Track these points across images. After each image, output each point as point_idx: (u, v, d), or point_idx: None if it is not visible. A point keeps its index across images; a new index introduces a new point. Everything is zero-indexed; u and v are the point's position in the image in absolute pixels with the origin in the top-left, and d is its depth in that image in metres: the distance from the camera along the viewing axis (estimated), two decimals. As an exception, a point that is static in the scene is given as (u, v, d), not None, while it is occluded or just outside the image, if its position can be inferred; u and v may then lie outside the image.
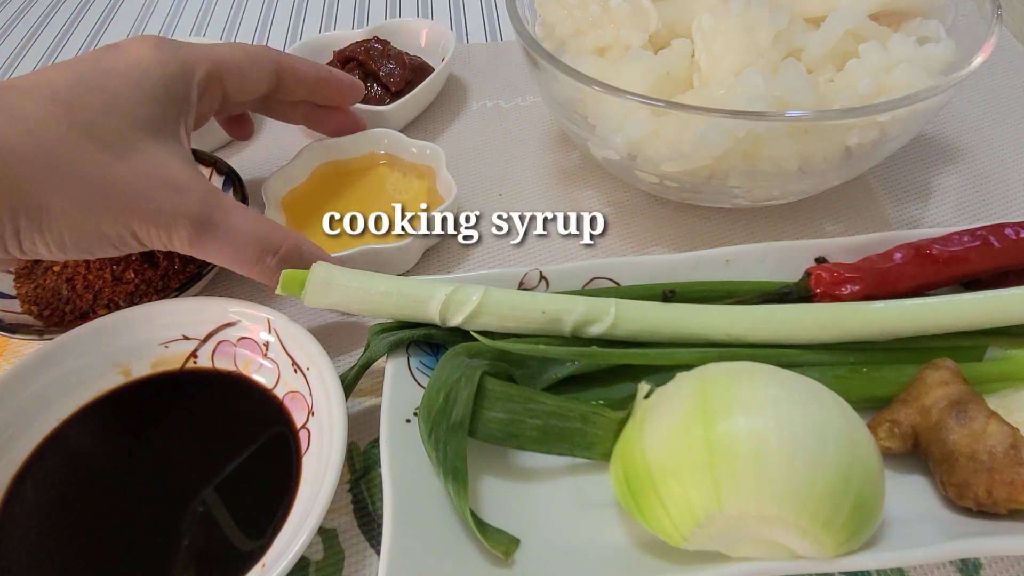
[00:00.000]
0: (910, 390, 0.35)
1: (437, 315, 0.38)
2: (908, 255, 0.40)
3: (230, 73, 0.44)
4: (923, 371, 0.36)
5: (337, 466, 0.33)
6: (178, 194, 0.38)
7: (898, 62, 0.42)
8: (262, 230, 0.40)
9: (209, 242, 0.39)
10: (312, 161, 0.54)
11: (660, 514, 0.30)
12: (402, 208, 0.50)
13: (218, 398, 0.41)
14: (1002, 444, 0.31)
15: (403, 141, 0.54)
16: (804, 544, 0.29)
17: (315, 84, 0.50)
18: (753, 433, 0.28)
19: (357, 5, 0.84)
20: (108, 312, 0.44)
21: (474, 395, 0.35)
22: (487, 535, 0.32)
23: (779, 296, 0.40)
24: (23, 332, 0.43)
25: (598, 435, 0.34)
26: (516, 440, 0.35)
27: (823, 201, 0.53)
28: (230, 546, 0.34)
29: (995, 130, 0.59)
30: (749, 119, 0.39)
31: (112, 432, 0.39)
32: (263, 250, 0.40)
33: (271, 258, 0.40)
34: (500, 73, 0.68)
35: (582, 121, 0.47)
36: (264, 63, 0.46)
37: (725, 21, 0.43)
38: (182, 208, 0.38)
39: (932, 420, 0.33)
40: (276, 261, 0.40)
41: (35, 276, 0.48)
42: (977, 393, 0.34)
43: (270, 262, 0.40)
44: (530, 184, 0.56)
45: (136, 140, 0.37)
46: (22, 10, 0.88)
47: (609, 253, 0.51)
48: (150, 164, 0.37)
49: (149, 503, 0.36)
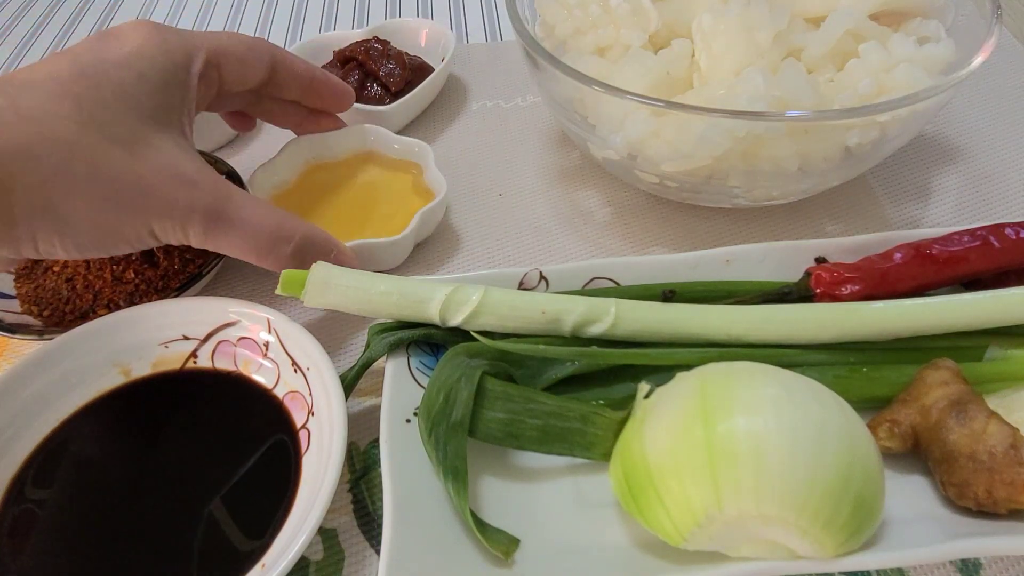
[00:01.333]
0: (910, 390, 0.35)
1: (437, 315, 0.38)
2: (908, 255, 0.40)
3: (227, 61, 0.43)
4: (923, 371, 0.36)
5: (337, 466, 0.33)
6: (190, 188, 0.38)
7: (898, 62, 0.42)
8: (274, 220, 0.40)
9: (223, 235, 0.39)
10: (298, 157, 0.54)
11: (660, 514, 0.30)
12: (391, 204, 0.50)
13: (218, 398, 0.41)
14: (1002, 444, 0.31)
15: (390, 137, 0.54)
16: (804, 544, 0.29)
17: (309, 82, 0.49)
18: (753, 433, 0.28)
19: (357, 5, 0.84)
20: (108, 312, 0.44)
21: (474, 395, 0.35)
22: (487, 535, 0.32)
23: (779, 296, 0.40)
24: (23, 332, 0.43)
25: (598, 435, 0.34)
26: (516, 440, 0.35)
27: (823, 201, 0.53)
28: (230, 546, 0.34)
29: (995, 130, 0.59)
30: (749, 119, 0.39)
31: (112, 432, 0.39)
32: (277, 240, 0.40)
33: (286, 247, 0.40)
34: (500, 73, 0.68)
35: (582, 121, 0.47)
36: (261, 53, 0.45)
37: (725, 21, 0.43)
38: (195, 202, 0.38)
39: (932, 420, 0.33)
40: (290, 250, 0.40)
41: (35, 276, 0.48)
42: (977, 393, 0.34)
43: (285, 251, 0.40)
44: (530, 184, 0.56)
45: (146, 134, 0.37)
46: (22, 10, 0.88)
47: (609, 253, 0.51)
48: (161, 159, 0.37)
49: (149, 503, 0.36)
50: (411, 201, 0.52)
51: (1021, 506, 0.31)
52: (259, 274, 0.51)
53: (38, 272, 0.48)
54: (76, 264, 0.47)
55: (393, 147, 0.54)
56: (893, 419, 0.35)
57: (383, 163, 0.55)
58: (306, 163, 0.54)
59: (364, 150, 0.55)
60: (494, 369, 0.37)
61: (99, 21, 0.85)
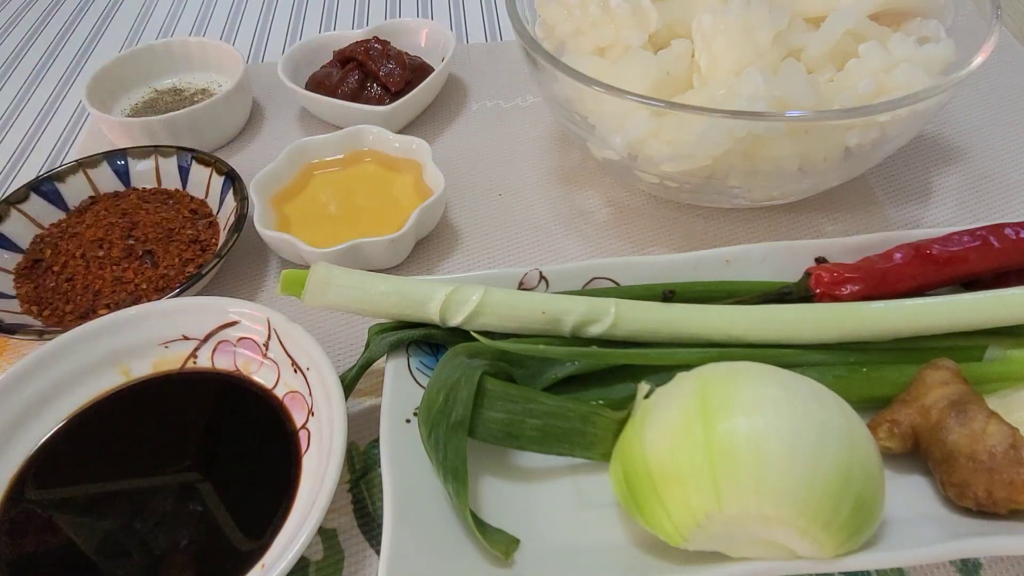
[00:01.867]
0: (910, 390, 0.35)
1: (437, 315, 0.38)
2: (908, 255, 0.40)
3: None
4: (923, 371, 0.36)
5: (337, 466, 0.33)
6: None
7: (898, 62, 0.42)
8: None
9: None
10: (299, 160, 0.54)
11: (660, 514, 0.30)
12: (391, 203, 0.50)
13: (218, 398, 0.40)
14: (1002, 444, 0.31)
15: (388, 137, 0.54)
16: (804, 544, 0.29)
17: None
18: (753, 433, 0.28)
19: (357, 5, 0.84)
20: (109, 312, 0.44)
21: (474, 395, 0.35)
22: (487, 535, 0.32)
23: (779, 296, 0.40)
24: (23, 332, 0.43)
25: (598, 435, 0.34)
26: (516, 440, 0.35)
27: (823, 201, 0.53)
28: (230, 546, 0.34)
29: (995, 130, 0.59)
30: (749, 119, 0.39)
31: (112, 432, 0.39)
32: None
33: None
34: (500, 73, 0.68)
35: (582, 121, 0.47)
36: None
37: (725, 21, 0.43)
38: None
39: (932, 420, 0.33)
40: None
41: (34, 276, 0.48)
42: (977, 393, 0.34)
43: None
44: (530, 184, 0.56)
45: None
46: (22, 10, 0.88)
47: (609, 253, 0.51)
48: None
49: (149, 502, 0.36)
50: (411, 199, 0.52)
51: (1021, 506, 0.31)
52: (259, 274, 0.51)
53: (37, 272, 0.48)
54: (76, 264, 0.47)
55: (392, 146, 0.54)
56: (893, 419, 0.34)
57: (382, 162, 0.55)
58: (306, 163, 0.54)
59: (364, 149, 0.55)
60: (494, 369, 0.37)
61: (99, 21, 0.85)
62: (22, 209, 0.51)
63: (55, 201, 0.52)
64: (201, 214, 0.52)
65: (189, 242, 0.50)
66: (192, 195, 0.54)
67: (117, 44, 0.81)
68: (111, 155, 0.54)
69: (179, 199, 0.53)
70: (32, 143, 0.66)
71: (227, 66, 0.65)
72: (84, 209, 0.52)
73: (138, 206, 0.51)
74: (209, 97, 0.62)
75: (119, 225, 0.49)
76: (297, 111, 0.65)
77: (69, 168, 0.53)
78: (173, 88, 0.65)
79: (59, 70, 0.76)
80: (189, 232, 0.50)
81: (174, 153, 0.54)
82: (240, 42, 0.79)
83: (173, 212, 0.52)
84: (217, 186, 0.53)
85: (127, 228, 0.49)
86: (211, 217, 0.52)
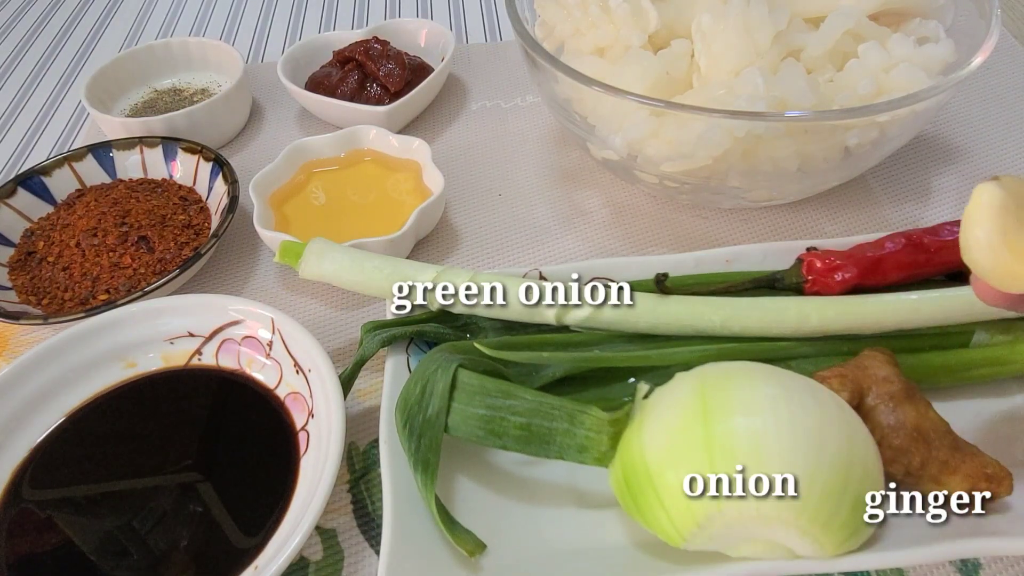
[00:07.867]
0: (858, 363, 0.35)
1: (426, 287, 0.39)
2: (899, 244, 0.40)
3: None
4: (862, 359, 0.35)
5: (334, 469, 0.33)
6: None
7: (897, 62, 0.42)
8: None
9: None
10: (297, 160, 0.54)
11: (660, 514, 0.30)
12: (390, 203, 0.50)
13: (221, 396, 0.41)
14: (943, 427, 0.33)
15: (388, 137, 0.54)
16: (803, 544, 0.29)
17: None
18: (752, 433, 0.28)
19: (357, 5, 0.84)
20: (108, 297, 0.45)
21: (449, 387, 0.34)
22: (454, 532, 0.32)
23: (770, 282, 0.40)
24: (27, 319, 0.43)
25: (589, 437, 0.32)
26: (499, 439, 0.33)
27: (823, 201, 0.53)
28: (226, 546, 0.34)
29: (995, 130, 0.59)
30: (749, 119, 0.39)
31: (113, 428, 0.39)
32: None
33: None
34: (500, 73, 0.68)
35: (582, 121, 0.47)
36: None
37: (724, 21, 0.43)
38: None
39: (882, 390, 0.33)
40: None
41: (29, 268, 0.48)
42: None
43: None
44: (530, 184, 0.56)
45: None
46: (22, 10, 0.88)
47: (609, 253, 0.51)
48: None
49: (147, 500, 0.36)
50: (410, 199, 0.52)
51: (942, 488, 0.31)
52: (262, 273, 0.51)
53: (32, 264, 0.48)
54: (72, 253, 0.47)
55: (392, 146, 0.54)
56: (841, 373, 0.34)
57: (382, 162, 0.55)
58: (306, 163, 0.54)
59: (363, 149, 0.55)
60: (483, 366, 0.36)
61: (99, 21, 0.85)
62: (9, 203, 0.51)
63: (42, 195, 0.52)
64: (191, 200, 0.53)
65: (183, 227, 0.50)
66: (180, 183, 0.54)
67: (116, 44, 0.81)
68: (96, 148, 0.54)
69: (167, 187, 0.54)
70: (32, 143, 0.66)
71: (227, 66, 0.65)
72: (73, 202, 0.52)
73: (128, 195, 0.51)
74: (209, 97, 0.62)
75: (111, 214, 0.49)
76: (296, 111, 0.65)
77: (54, 162, 0.53)
78: (173, 88, 0.65)
79: (58, 70, 0.76)
80: (181, 218, 0.51)
81: (159, 143, 0.54)
82: (240, 42, 0.79)
83: (163, 200, 0.52)
84: (205, 173, 0.53)
85: (119, 216, 0.49)
86: (201, 203, 0.53)
